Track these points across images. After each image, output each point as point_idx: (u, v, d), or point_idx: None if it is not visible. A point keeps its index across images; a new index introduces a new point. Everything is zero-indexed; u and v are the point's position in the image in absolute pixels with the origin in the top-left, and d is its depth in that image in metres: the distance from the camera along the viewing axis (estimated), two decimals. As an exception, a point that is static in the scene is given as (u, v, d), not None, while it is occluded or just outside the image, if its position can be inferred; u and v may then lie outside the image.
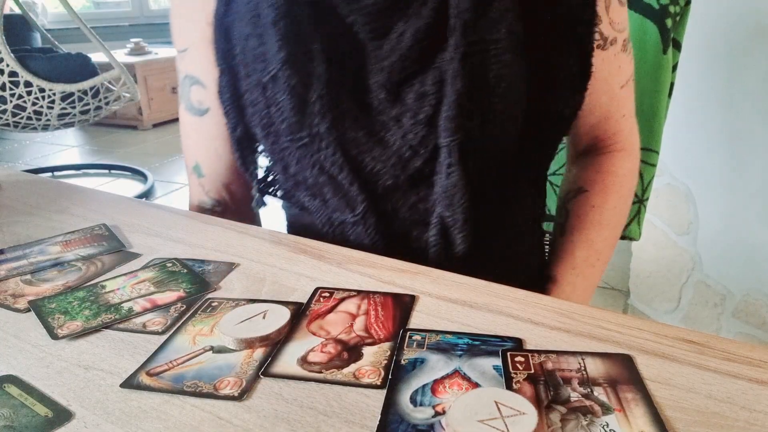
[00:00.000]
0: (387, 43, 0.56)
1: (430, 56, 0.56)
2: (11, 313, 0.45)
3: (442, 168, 0.55)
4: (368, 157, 0.57)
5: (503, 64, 0.55)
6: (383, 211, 0.59)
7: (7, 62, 1.94)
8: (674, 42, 0.93)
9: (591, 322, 0.42)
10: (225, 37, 0.61)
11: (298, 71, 0.55)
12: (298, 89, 0.56)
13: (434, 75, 0.55)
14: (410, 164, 0.57)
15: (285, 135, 0.58)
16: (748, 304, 1.37)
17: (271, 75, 0.56)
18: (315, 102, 0.55)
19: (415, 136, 0.56)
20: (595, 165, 0.70)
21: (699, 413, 0.33)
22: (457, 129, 0.54)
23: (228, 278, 0.50)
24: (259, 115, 0.59)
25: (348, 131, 0.57)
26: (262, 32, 0.57)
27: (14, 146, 3.60)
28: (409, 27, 0.55)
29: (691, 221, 1.47)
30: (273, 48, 0.56)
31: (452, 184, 0.55)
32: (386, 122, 0.57)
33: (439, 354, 0.39)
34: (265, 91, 0.58)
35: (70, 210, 0.67)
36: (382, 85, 0.57)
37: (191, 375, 0.37)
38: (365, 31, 0.57)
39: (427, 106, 0.55)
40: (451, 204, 0.56)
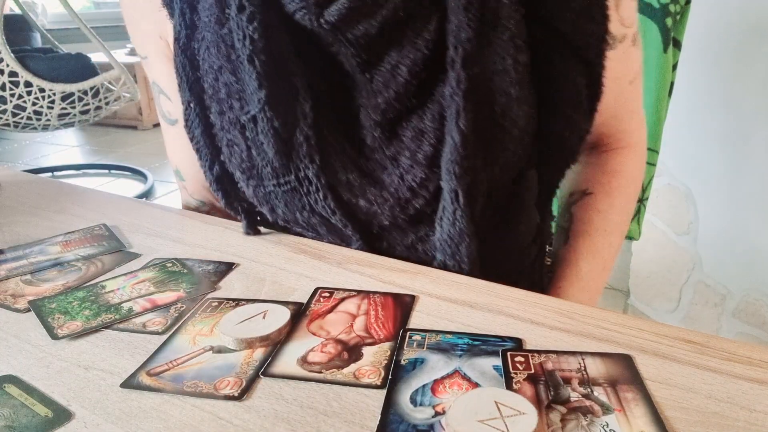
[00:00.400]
0: (378, 76, 0.51)
1: (427, 90, 0.51)
2: (11, 313, 0.45)
3: (447, 213, 0.50)
4: (362, 200, 0.53)
5: (510, 97, 0.50)
6: (379, 249, 0.56)
7: (7, 62, 1.94)
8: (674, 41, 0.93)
9: (591, 322, 0.42)
10: (191, 65, 0.55)
11: (282, 111, 0.50)
12: (281, 131, 0.50)
13: (433, 110, 0.51)
14: (409, 205, 0.52)
15: (269, 179, 0.53)
16: (748, 304, 1.37)
17: (251, 116, 0.51)
18: (301, 144, 0.51)
19: (415, 177, 0.51)
20: (600, 164, 0.67)
21: (699, 413, 0.33)
22: (463, 172, 0.49)
23: (228, 278, 0.50)
24: (238, 157, 0.54)
25: (339, 173, 0.52)
26: (237, 67, 0.51)
27: (14, 146, 3.60)
28: (403, 58, 0.50)
29: (691, 221, 1.47)
30: (251, 85, 0.50)
31: (458, 232, 0.50)
32: (381, 161, 0.53)
33: (439, 354, 0.39)
34: (244, 131, 0.52)
35: (70, 210, 0.66)
36: (376, 123, 0.52)
37: (191, 375, 0.37)
38: (353, 63, 0.51)
39: (427, 145, 0.51)
40: (457, 252, 0.51)
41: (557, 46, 0.52)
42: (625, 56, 0.60)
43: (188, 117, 0.56)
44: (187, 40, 0.54)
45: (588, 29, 0.52)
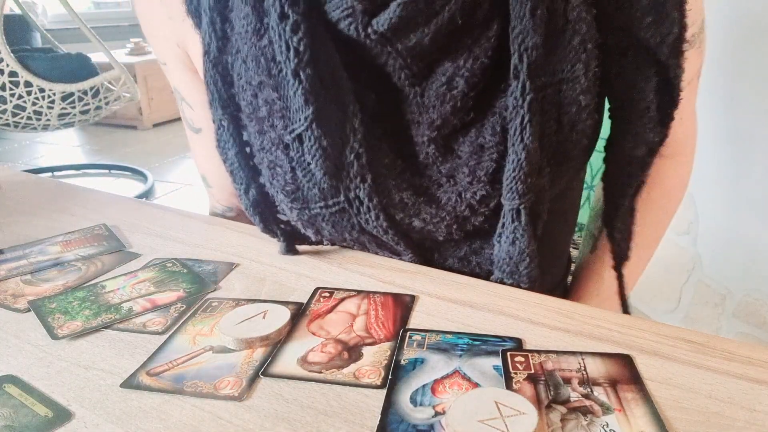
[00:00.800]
0: (430, 90, 0.47)
1: (487, 100, 0.47)
2: (11, 313, 0.45)
3: (507, 232, 0.47)
4: (416, 220, 0.49)
5: (579, 106, 0.46)
6: (431, 261, 0.53)
7: (7, 62, 1.94)
8: (674, 42, 0.93)
9: (591, 322, 0.42)
10: (223, 81, 0.50)
11: (330, 128, 0.46)
12: (330, 150, 0.46)
13: (493, 122, 0.47)
14: (468, 222, 0.49)
15: (315, 201, 0.49)
16: (748, 304, 1.37)
17: (297, 135, 0.46)
18: (352, 163, 0.46)
19: (474, 195, 0.48)
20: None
21: (699, 413, 0.33)
22: (527, 190, 0.45)
23: (228, 278, 0.50)
24: (281, 179, 0.49)
25: (392, 192, 0.48)
26: (279, 83, 0.46)
27: (14, 146, 3.60)
28: (459, 69, 0.46)
29: (691, 221, 1.47)
30: (297, 102, 0.45)
31: (519, 251, 0.47)
32: (437, 179, 0.49)
33: (439, 354, 0.39)
34: (288, 151, 0.47)
35: (70, 210, 0.67)
36: (430, 140, 0.48)
37: (191, 375, 0.37)
38: (401, 75, 0.47)
39: (487, 161, 0.47)
40: (515, 272, 0.49)
41: (625, 49, 0.48)
42: (693, 59, 0.55)
43: (221, 137, 0.51)
44: (219, 53, 0.49)
45: (662, 28, 0.47)
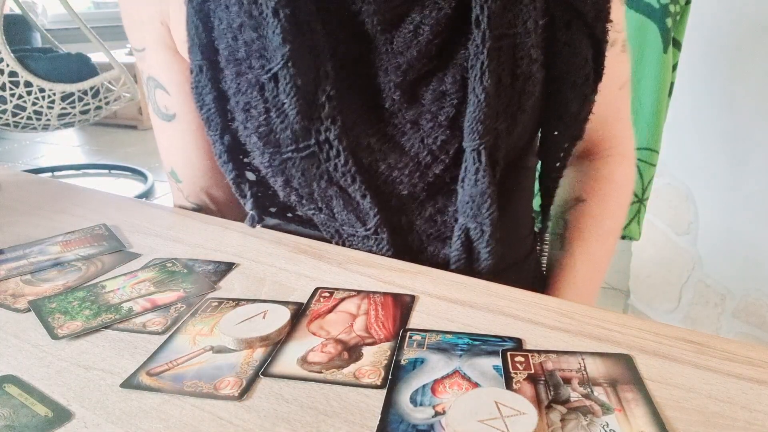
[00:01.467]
0: (399, 36, 0.50)
1: (448, 51, 0.51)
2: (11, 313, 0.45)
3: (469, 174, 0.51)
4: (383, 164, 0.52)
5: (531, 59, 0.51)
6: (397, 225, 0.55)
7: (7, 62, 1.94)
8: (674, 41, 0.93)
9: (591, 322, 0.42)
10: (204, 27, 0.53)
11: (304, 69, 0.49)
12: (304, 89, 0.49)
13: (454, 72, 0.51)
14: (429, 171, 0.52)
15: (287, 144, 0.51)
16: (748, 304, 1.37)
17: (273, 73, 0.49)
18: (323, 104, 0.49)
19: (436, 140, 0.51)
20: (593, 172, 0.68)
21: (699, 413, 0.33)
22: (486, 131, 0.49)
23: (228, 278, 0.50)
24: (255, 121, 0.52)
25: (360, 137, 0.51)
26: (260, 22, 0.49)
27: (14, 146, 3.60)
28: (426, 18, 0.49)
29: (691, 221, 1.47)
30: (275, 41, 0.48)
31: (480, 192, 0.51)
32: (401, 125, 0.52)
33: (439, 354, 0.39)
34: (263, 92, 0.50)
35: (70, 210, 0.67)
36: (396, 85, 0.51)
37: (191, 375, 0.37)
38: (374, 21, 0.50)
39: (448, 107, 0.51)
40: (478, 214, 0.51)
41: (570, 21, 0.53)
42: (616, 61, 0.61)
43: (198, 83, 0.54)
44: (202, 1, 0.53)
45: (598, 6, 0.53)
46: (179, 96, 0.62)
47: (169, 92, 0.62)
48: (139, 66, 0.64)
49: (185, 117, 0.62)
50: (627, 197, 0.69)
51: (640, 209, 1.06)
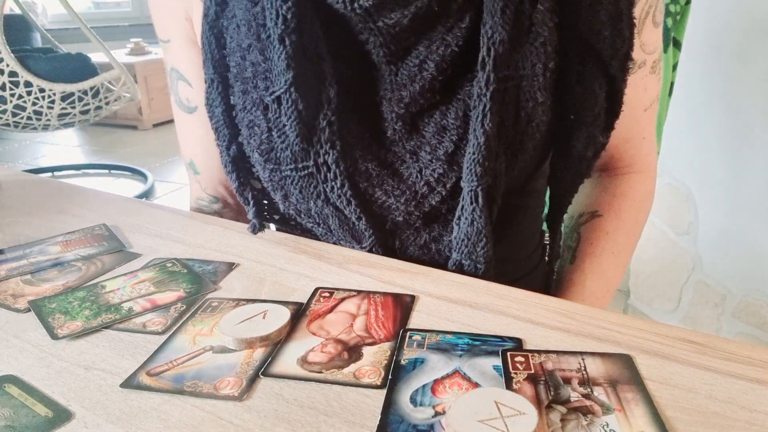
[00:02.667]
0: (404, 69, 0.51)
1: (453, 88, 0.51)
2: (11, 313, 0.45)
3: (465, 213, 0.51)
4: (379, 191, 0.53)
5: (536, 102, 0.51)
6: (391, 247, 0.56)
7: (7, 62, 1.94)
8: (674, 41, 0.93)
9: (591, 322, 0.42)
10: (217, 43, 0.55)
11: (307, 94, 0.50)
12: (305, 114, 0.50)
13: (457, 108, 0.51)
14: (426, 201, 0.52)
15: (287, 163, 0.52)
16: (748, 304, 1.37)
17: (276, 96, 0.50)
18: (324, 129, 0.50)
19: (433, 173, 0.52)
20: (611, 187, 0.66)
21: (699, 413, 0.33)
22: (484, 173, 0.49)
23: (228, 278, 0.50)
24: (257, 139, 0.53)
25: (358, 161, 0.52)
26: (266, 47, 0.51)
27: (14, 146, 3.60)
28: (431, 54, 0.50)
29: (691, 221, 1.47)
30: (279, 66, 0.49)
31: (476, 231, 0.51)
32: (401, 154, 0.53)
33: (439, 354, 0.39)
34: (267, 112, 0.52)
35: (70, 210, 0.66)
36: (398, 116, 0.52)
37: (191, 375, 0.37)
38: (380, 53, 0.51)
39: (448, 142, 0.51)
40: (473, 252, 0.52)
41: (584, 58, 0.52)
42: (643, 82, 0.60)
43: (210, 95, 0.56)
44: (216, 17, 0.54)
45: (615, 44, 0.52)
46: (201, 89, 0.62)
47: (192, 85, 0.63)
48: (164, 57, 0.65)
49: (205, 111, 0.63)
50: (644, 214, 0.67)
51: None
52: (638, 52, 0.57)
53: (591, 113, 0.54)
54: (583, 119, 0.54)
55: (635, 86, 0.59)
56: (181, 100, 0.65)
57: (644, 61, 0.59)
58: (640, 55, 0.58)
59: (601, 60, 0.52)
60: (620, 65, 0.53)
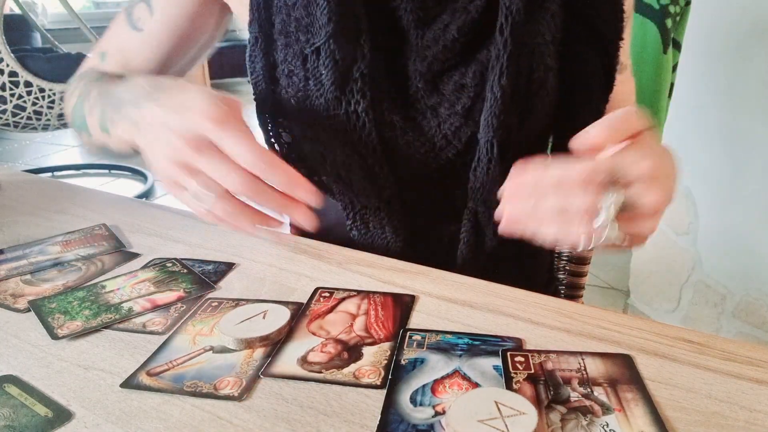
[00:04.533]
0: (430, 32, 0.56)
1: (472, 50, 0.56)
2: (11, 313, 0.45)
3: (482, 163, 0.56)
4: (402, 141, 0.57)
5: (547, 67, 0.56)
6: (409, 199, 0.59)
7: (7, 62, 1.94)
8: (674, 42, 0.93)
9: (591, 322, 0.42)
10: (265, 3, 0.59)
11: (344, 46, 0.55)
12: (341, 64, 0.55)
13: (475, 69, 0.56)
14: (443, 153, 0.57)
15: (321, 110, 0.57)
16: (748, 304, 1.37)
17: (316, 47, 0.55)
18: (357, 80, 0.55)
19: (451, 126, 0.56)
20: None
21: (699, 413, 0.33)
22: (499, 126, 0.54)
23: (228, 278, 0.50)
24: (295, 87, 0.58)
25: (385, 113, 0.56)
26: (311, 2, 0.56)
27: (14, 146, 3.60)
28: (454, 20, 0.55)
29: (691, 221, 1.47)
30: (321, 19, 0.55)
31: (491, 180, 0.56)
32: (423, 110, 0.57)
33: (439, 354, 0.39)
34: (306, 62, 0.57)
35: (70, 210, 0.66)
36: (421, 74, 0.57)
37: (191, 375, 0.37)
38: (410, 17, 0.56)
39: (465, 98, 0.56)
40: (488, 198, 0.56)
41: (588, 38, 0.58)
42: (629, 84, 0.66)
43: (253, 52, 0.60)
44: None
45: (610, 18, 0.58)
46: (159, 21, 0.66)
47: (152, 9, 0.66)
48: None
49: (149, 40, 0.67)
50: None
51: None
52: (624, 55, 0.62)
53: (593, 83, 0.59)
54: (589, 92, 0.59)
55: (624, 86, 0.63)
56: (132, 16, 0.68)
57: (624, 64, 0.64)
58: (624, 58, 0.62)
59: (601, 40, 0.58)
60: (614, 46, 0.59)
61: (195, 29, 0.68)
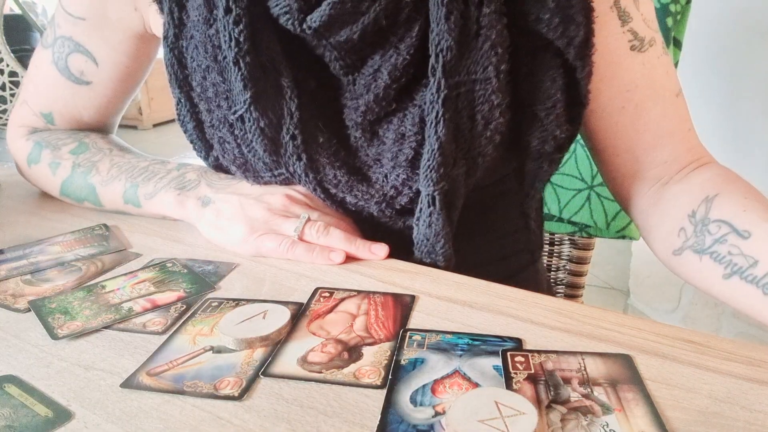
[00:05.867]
0: (361, 79, 0.52)
1: (408, 93, 0.52)
2: (11, 313, 0.45)
3: (423, 216, 0.52)
4: (349, 195, 0.54)
5: (491, 105, 0.49)
6: (369, 234, 0.57)
7: (7, 62, 1.94)
8: (675, 41, 0.93)
9: (591, 322, 0.42)
10: (179, 64, 0.55)
11: (267, 111, 0.51)
12: (268, 131, 0.51)
13: (413, 114, 0.51)
14: (395, 202, 0.54)
15: (264, 171, 0.55)
16: (748, 304, 1.37)
17: (239, 116, 0.52)
18: (288, 143, 0.52)
19: (397, 178, 0.52)
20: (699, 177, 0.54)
21: (699, 413, 0.33)
22: (440, 179, 0.50)
23: (228, 278, 0.50)
24: (230, 154, 0.56)
25: (326, 169, 0.53)
26: (224, 67, 0.52)
27: (14, 146, 3.59)
28: (384, 63, 0.51)
29: (692, 221, 1.46)
30: (237, 86, 0.51)
31: (434, 233, 0.52)
32: (366, 160, 0.54)
33: (439, 354, 0.39)
34: (233, 129, 0.53)
35: (70, 210, 0.67)
36: (357, 124, 0.53)
37: (191, 375, 0.37)
38: (337, 66, 0.52)
39: (407, 149, 0.51)
40: (433, 251, 0.53)
41: (534, 50, 0.51)
42: (661, 63, 0.55)
43: (180, 112, 0.57)
44: (175, 39, 0.55)
45: (568, 31, 0.50)
46: (107, 72, 0.65)
47: (98, 64, 0.64)
48: (57, 21, 0.64)
49: (101, 88, 0.66)
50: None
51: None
52: (642, 26, 0.54)
53: (543, 107, 0.52)
54: (536, 113, 0.53)
55: (653, 69, 0.54)
56: (69, 69, 0.65)
57: (653, 38, 0.54)
58: (645, 30, 0.54)
59: (554, 50, 0.51)
60: (578, 53, 0.50)
61: (139, 67, 0.67)
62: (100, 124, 0.71)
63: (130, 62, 0.65)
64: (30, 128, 0.70)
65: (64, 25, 0.64)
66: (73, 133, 0.69)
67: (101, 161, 0.64)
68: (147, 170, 0.61)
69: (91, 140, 0.67)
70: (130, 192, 0.60)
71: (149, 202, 0.60)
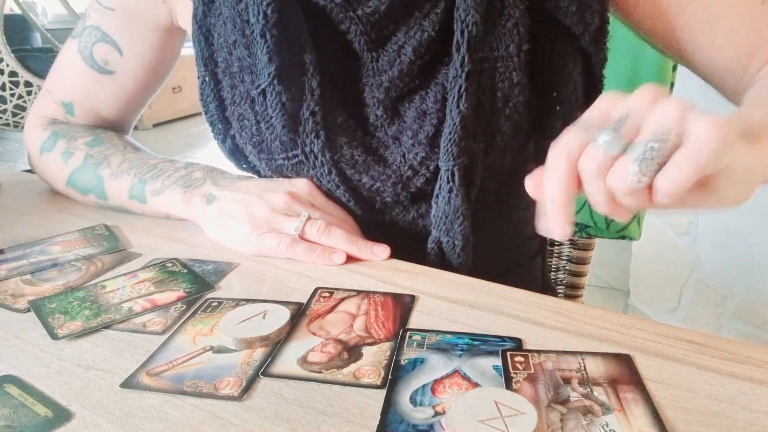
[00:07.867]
0: (384, 56, 0.53)
1: (431, 71, 0.53)
2: (11, 313, 0.45)
3: (443, 192, 0.53)
4: (365, 176, 0.54)
5: (511, 83, 0.51)
6: (381, 222, 0.58)
7: (7, 62, 1.94)
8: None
9: (591, 322, 0.42)
10: (206, 41, 0.57)
11: (290, 86, 0.52)
12: (289, 106, 0.52)
13: (435, 92, 0.52)
14: (411, 183, 0.54)
15: (278, 153, 0.55)
16: (748, 304, 1.37)
17: (261, 89, 0.53)
18: (308, 119, 0.52)
19: (416, 156, 0.53)
20: None
21: (699, 413, 0.33)
22: (460, 153, 0.51)
23: (228, 278, 0.50)
24: (248, 131, 0.56)
25: (344, 149, 0.54)
26: (251, 41, 0.53)
27: (14, 146, 3.60)
28: (409, 39, 0.52)
29: (691, 221, 1.47)
30: (262, 60, 0.52)
31: (453, 210, 0.52)
32: (384, 140, 0.55)
33: (439, 354, 0.39)
34: (254, 105, 0.54)
35: (70, 210, 0.66)
36: (379, 102, 0.54)
37: (191, 375, 0.37)
38: (361, 41, 0.53)
39: (428, 126, 0.52)
40: (451, 229, 0.53)
41: (554, 36, 0.53)
42: None
43: (203, 91, 0.58)
44: (204, 17, 0.56)
45: (584, 18, 0.52)
46: (132, 63, 0.65)
47: (123, 54, 0.65)
48: (88, 12, 0.65)
49: (124, 78, 0.66)
50: None
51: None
52: None
53: (567, 90, 0.54)
54: (561, 98, 0.54)
55: None
56: (93, 58, 0.65)
57: None
58: None
59: (571, 36, 0.53)
60: (593, 39, 0.53)
61: (163, 61, 0.67)
62: (117, 120, 0.71)
63: (154, 55, 0.65)
64: (49, 119, 0.71)
65: (93, 15, 0.65)
66: (90, 128, 0.69)
67: (113, 155, 0.64)
68: (156, 167, 0.61)
69: (107, 136, 0.68)
70: (138, 188, 0.60)
71: (156, 199, 0.60)
